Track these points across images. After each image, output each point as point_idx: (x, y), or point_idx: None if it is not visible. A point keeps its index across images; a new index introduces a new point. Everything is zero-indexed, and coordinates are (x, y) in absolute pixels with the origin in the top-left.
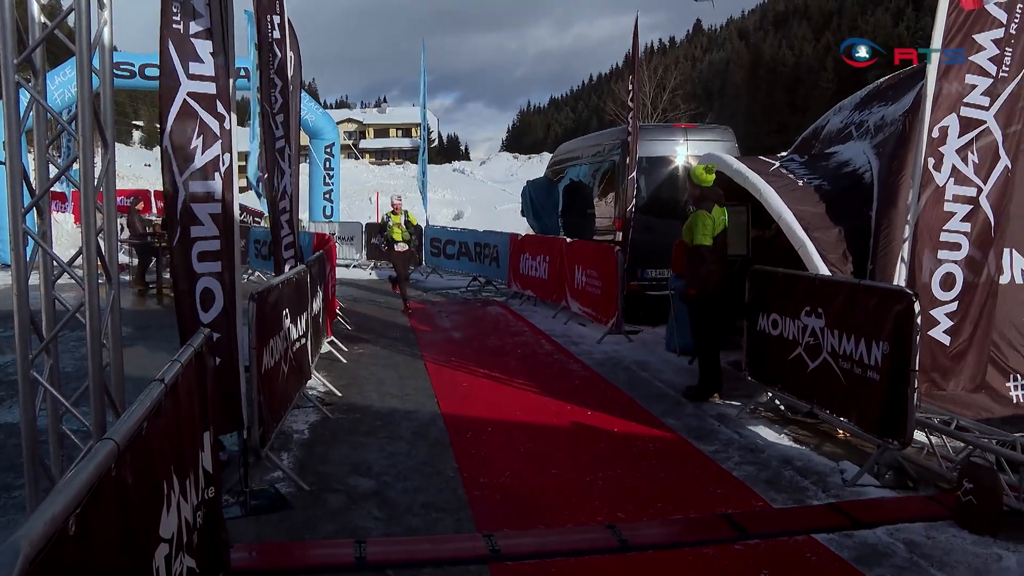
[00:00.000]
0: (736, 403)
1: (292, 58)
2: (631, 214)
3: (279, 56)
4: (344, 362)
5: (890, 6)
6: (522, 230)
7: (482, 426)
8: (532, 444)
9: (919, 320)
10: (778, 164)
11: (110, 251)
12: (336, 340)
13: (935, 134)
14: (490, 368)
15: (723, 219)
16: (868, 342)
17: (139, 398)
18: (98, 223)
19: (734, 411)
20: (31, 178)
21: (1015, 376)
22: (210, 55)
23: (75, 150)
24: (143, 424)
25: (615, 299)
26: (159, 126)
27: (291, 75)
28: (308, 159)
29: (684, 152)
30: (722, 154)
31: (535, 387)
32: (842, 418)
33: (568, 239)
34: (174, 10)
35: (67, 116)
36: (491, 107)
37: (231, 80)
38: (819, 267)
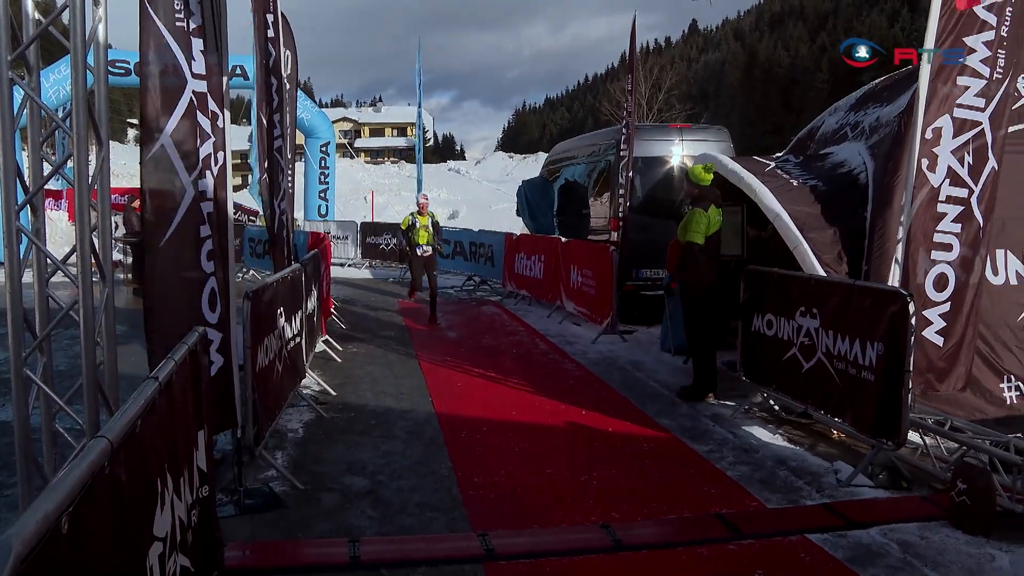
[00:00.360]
0: (731, 403)
1: (288, 56)
2: (627, 212)
3: (273, 54)
4: (339, 361)
5: (885, 7)
6: (517, 230)
7: (477, 426)
8: (526, 444)
9: (913, 321)
10: (773, 165)
11: (104, 249)
12: (331, 339)
13: (928, 135)
14: (485, 368)
15: (718, 219)
16: (863, 343)
17: (133, 396)
18: (92, 221)
19: (729, 411)
20: (25, 175)
21: (1008, 377)
22: (201, 53)
23: (70, 147)
24: (137, 422)
25: (610, 299)
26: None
27: (288, 73)
28: (304, 158)
29: (679, 152)
30: (718, 154)
31: (530, 387)
32: (836, 418)
33: (563, 239)
34: (177, 7)
35: (62, 114)
36: (487, 106)
37: (225, 78)
38: (814, 267)
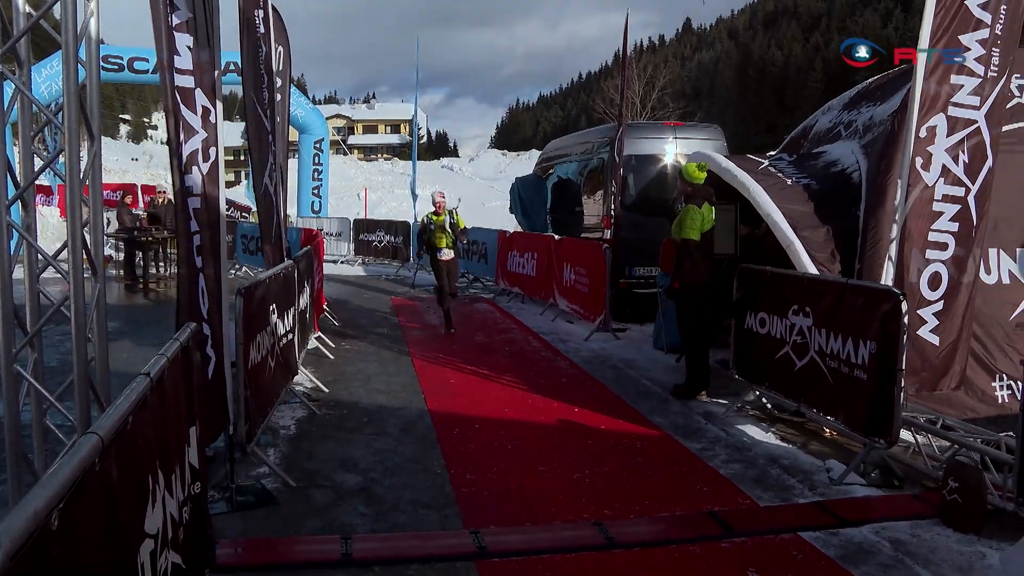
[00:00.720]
0: (723, 401)
1: (281, 52)
2: (618, 210)
3: (264, 50)
4: (331, 358)
5: (879, 7)
6: (511, 227)
7: (469, 423)
8: (519, 441)
9: (906, 320)
10: (767, 163)
11: (96, 244)
12: (323, 336)
13: (923, 134)
14: (477, 365)
15: (712, 217)
16: (855, 341)
17: (124, 392)
18: (84, 216)
19: (721, 409)
20: (16, 170)
21: (1000, 376)
22: (188, 48)
23: (61, 143)
24: (128, 418)
25: (603, 297)
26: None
27: (279, 69)
28: (297, 155)
29: (673, 150)
30: (711, 152)
31: (522, 384)
32: (829, 417)
33: (556, 236)
34: (163, 1)
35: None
36: (480, 104)
37: (217, 73)
38: (807, 266)
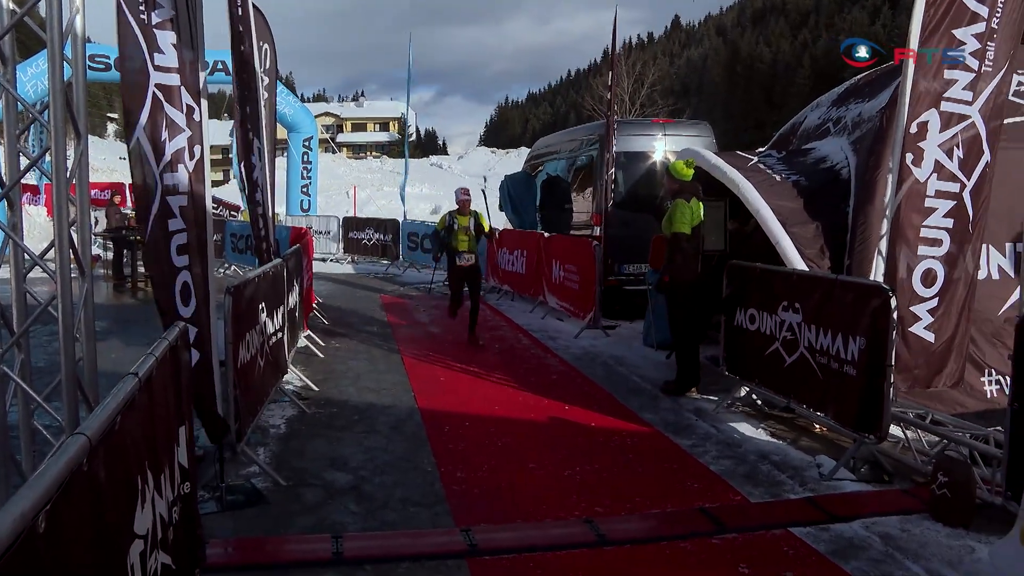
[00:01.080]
0: (713, 398)
1: (267, 49)
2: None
3: (244, 48)
4: (321, 356)
5: (866, 4)
6: (500, 224)
7: (459, 420)
8: (509, 438)
9: (895, 315)
10: (756, 160)
11: (83, 244)
12: (313, 334)
13: (913, 129)
14: (467, 363)
15: (700, 213)
16: (845, 337)
17: (112, 392)
18: (71, 215)
19: (711, 406)
20: (1, 169)
21: (989, 371)
22: (171, 46)
23: (47, 141)
24: (116, 419)
25: (592, 294)
26: (126, 119)
27: (266, 67)
28: (286, 153)
29: (662, 147)
30: (700, 149)
31: (512, 382)
32: (819, 413)
33: (546, 234)
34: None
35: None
36: (469, 101)
37: (201, 71)
38: (796, 262)
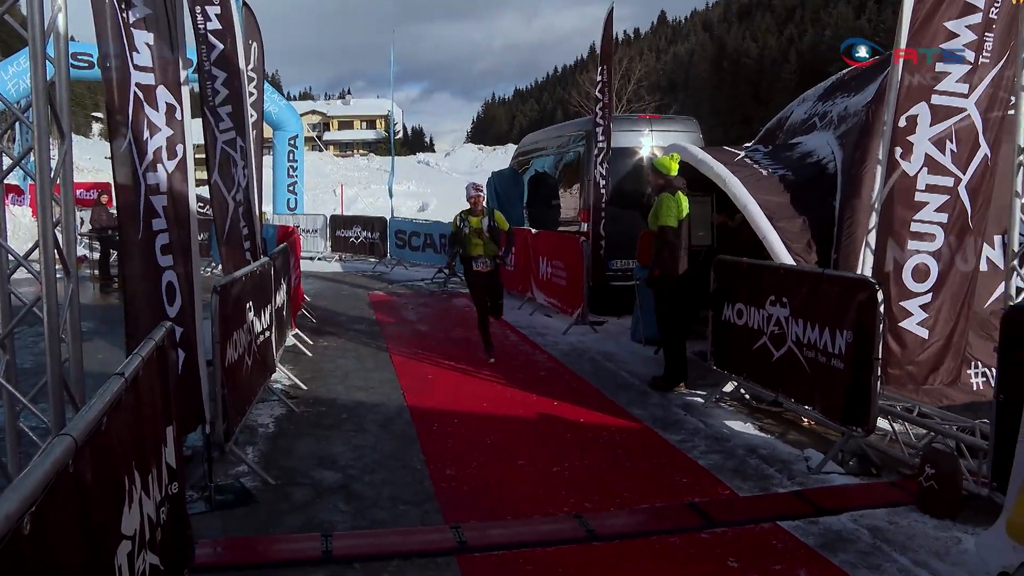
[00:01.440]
0: (702, 392)
1: (254, 47)
2: (598, 204)
3: (221, 47)
4: (309, 355)
5: None
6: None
7: (448, 418)
8: (498, 435)
9: (881, 309)
10: (743, 154)
11: (68, 244)
12: (301, 333)
13: (903, 123)
14: (456, 360)
15: (686, 206)
16: (832, 331)
17: (98, 392)
18: (55, 215)
19: (700, 400)
20: None
21: (976, 363)
22: (147, 45)
23: (31, 141)
24: (102, 419)
25: (580, 290)
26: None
27: (253, 65)
28: (272, 151)
29: (649, 143)
30: (687, 145)
31: (501, 378)
32: (807, 406)
33: (533, 230)
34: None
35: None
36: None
37: (183, 69)
38: (783, 256)
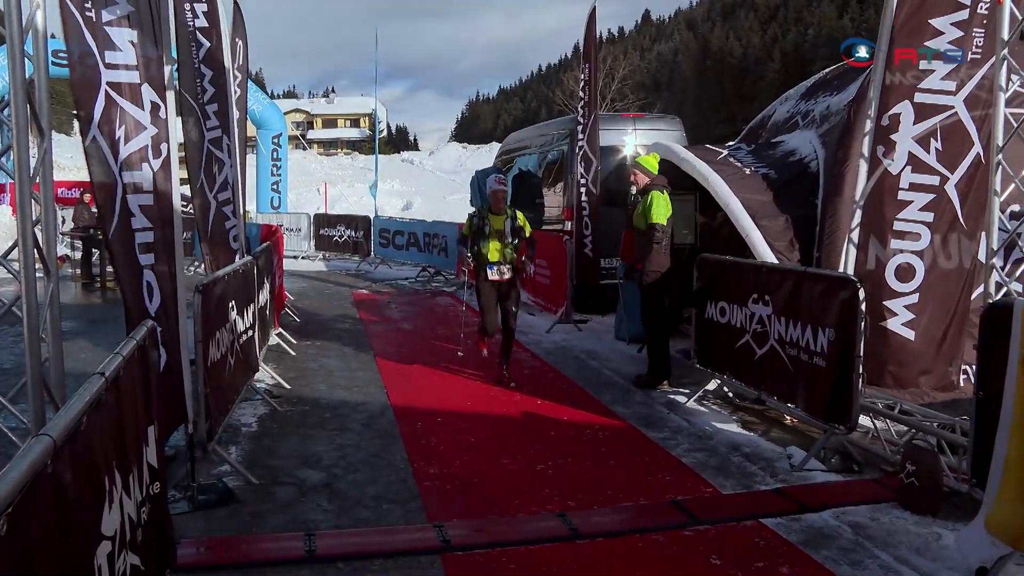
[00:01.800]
0: (685, 391)
1: (240, 46)
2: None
3: (208, 45)
4: (293, 354)
5: None
6: None
7: (432, 417)
8: (482, 434)
9: (863, 307)
10: (726, 153)
11: (48, 243)
12: (284, 332)
13: (885, 122)
14: (439, 359)
15: (670, 205)
16: (814, 329)
17: (78, 392)
18: (35, 214)
19: (683, 399)
20: None
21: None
22: (129, 43)
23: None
24: (82, 419)
25: (564, 288)
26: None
27: (239, 64)
28: (255, 150)
29: (633, 142)
30: (670, 143)
31: (485, 377)
32: (789, 404)
33: None
34: None
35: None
36: (440, 97)
37: (167, 67)
38: (766, 255)
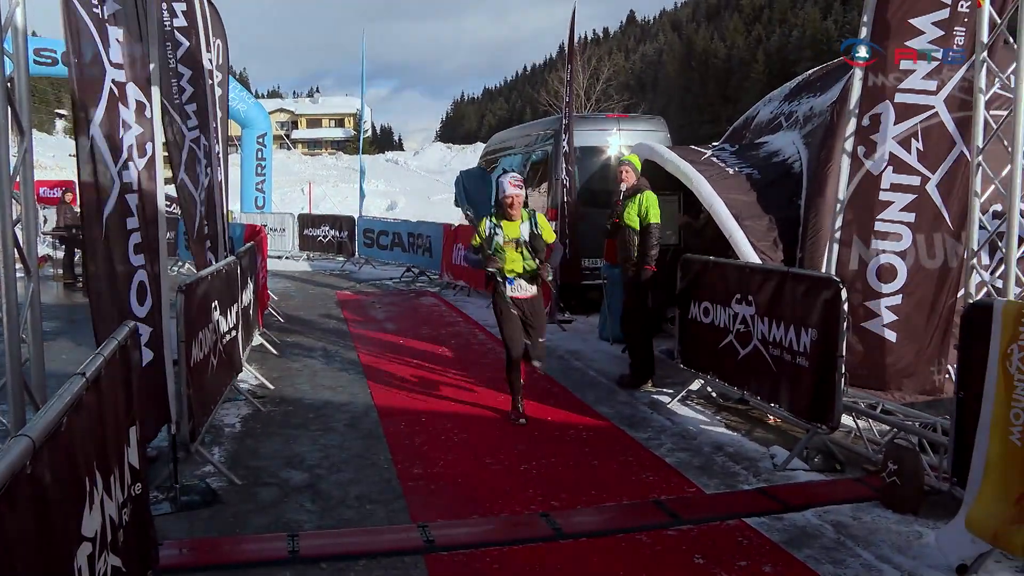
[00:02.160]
0: (668, 391)
1: (218, 45)
2: (571, 204)
3: (186, 44)
4: (276, 354)
5: (819, 0)
6: (456, 220)
7: (416, 417)
8: (466, 434)
9: (845, 307)
10: (709, 153)
11: (28, 243)
12: (268, 332)
13: (866, 123)
14: (423, 359)
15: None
16: (797, 329)
17: (58, 393)
18: (15, 214)
19: (666, 398)
20: None
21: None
22: (118, 41)
23: None
24: (62, 420)
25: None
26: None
27: (219, 63)
28: (239, 150)
29: (617, 142)
30: (655, 144)
31: (469, 377)
32: (772, 404)
33: None
34: None
35: None
36: (425, 97)
37: (152, 66)
38: (749, 255)
